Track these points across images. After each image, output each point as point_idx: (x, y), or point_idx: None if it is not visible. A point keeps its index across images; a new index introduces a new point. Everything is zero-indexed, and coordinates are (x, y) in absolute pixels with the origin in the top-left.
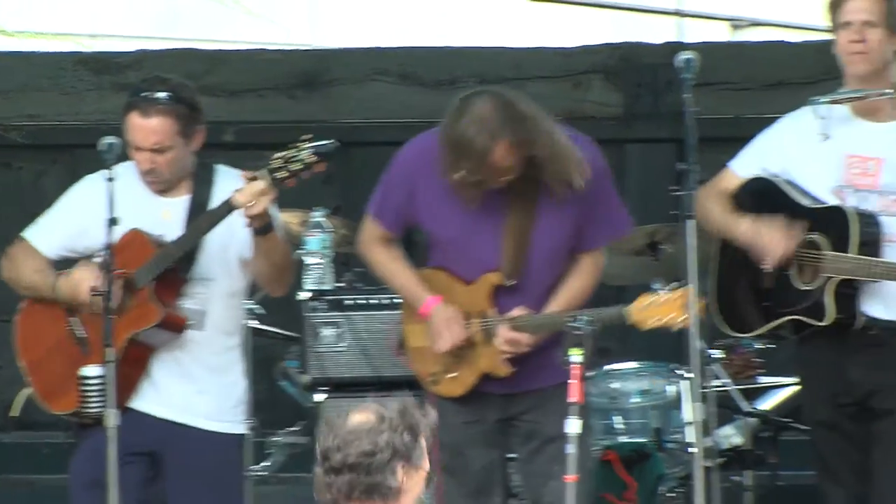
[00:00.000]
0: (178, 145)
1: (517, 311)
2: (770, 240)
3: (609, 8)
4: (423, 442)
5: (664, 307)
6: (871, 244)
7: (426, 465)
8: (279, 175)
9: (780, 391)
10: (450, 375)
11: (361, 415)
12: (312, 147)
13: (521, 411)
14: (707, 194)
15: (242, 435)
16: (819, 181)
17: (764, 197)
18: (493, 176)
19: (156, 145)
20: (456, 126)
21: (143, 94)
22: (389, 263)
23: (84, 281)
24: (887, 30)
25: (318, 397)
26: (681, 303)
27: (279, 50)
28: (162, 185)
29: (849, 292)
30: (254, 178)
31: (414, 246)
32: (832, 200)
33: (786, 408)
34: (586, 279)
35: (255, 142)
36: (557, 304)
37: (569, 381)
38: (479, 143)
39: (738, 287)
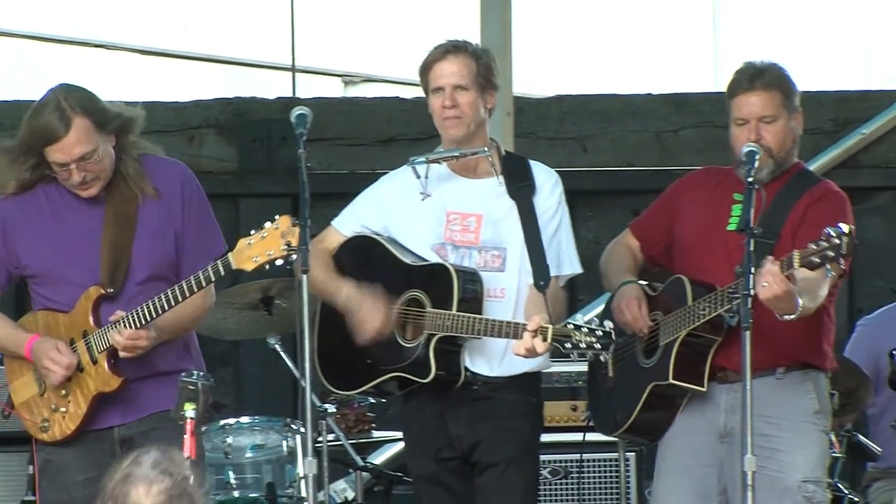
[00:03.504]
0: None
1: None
2: (366, 314)
3: (222, 62)
4: None
5: (261, 245)
6: (472, 300)
7: None
8: None
9: (393, 445)
10: (61, 410)
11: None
12: None
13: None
14: (312, 257)
15: None
16: (420, 238)
17: (365, 255)
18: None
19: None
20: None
21: None
22: None
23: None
24: (478, 90)
25: None
26: (276, 235)
27: None
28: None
29: (451, 349)
30: None
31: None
32: (433, 257)
33: (397, 462)
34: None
35: None
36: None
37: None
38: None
39: (342, 344)
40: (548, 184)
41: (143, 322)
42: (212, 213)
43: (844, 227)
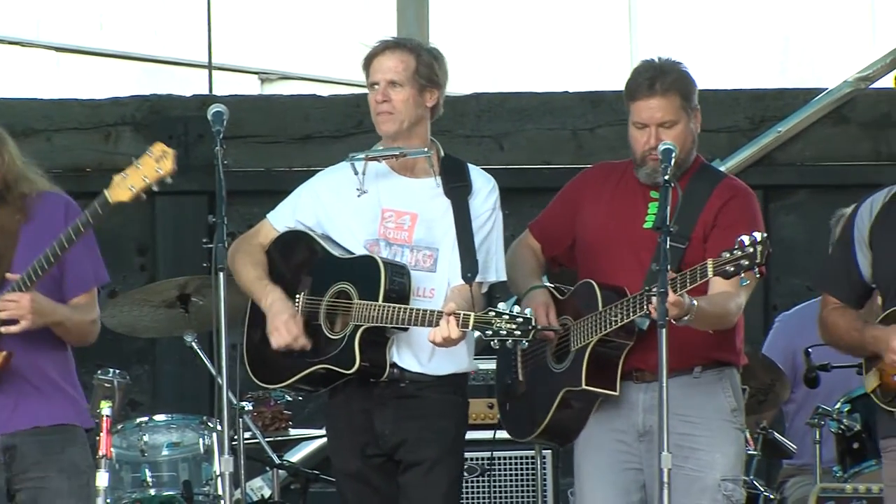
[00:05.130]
0: None
1: None
2: (280, 325)
3: (138, 60)
4: None
5: (137, 174)
6: (399, 293)
7: None
8: None
9: (309, 443)
10: None
11: None
12: None
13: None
14: (240, 247)
15: None
16: (354, 234)
17: (296, 249)
18: None
19: None
20: None
21: None
22: None
23: None
24: (415, 88)
25: None
26: (150, 161)
27: None
28: None
29: (378, 340)
30: None
31: None
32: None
33: (314, 460)
34: None
35: None
36: None
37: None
38: None
39: (268, 338)
40: (485, 188)
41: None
42: (95, 241)
43: (758, 236)
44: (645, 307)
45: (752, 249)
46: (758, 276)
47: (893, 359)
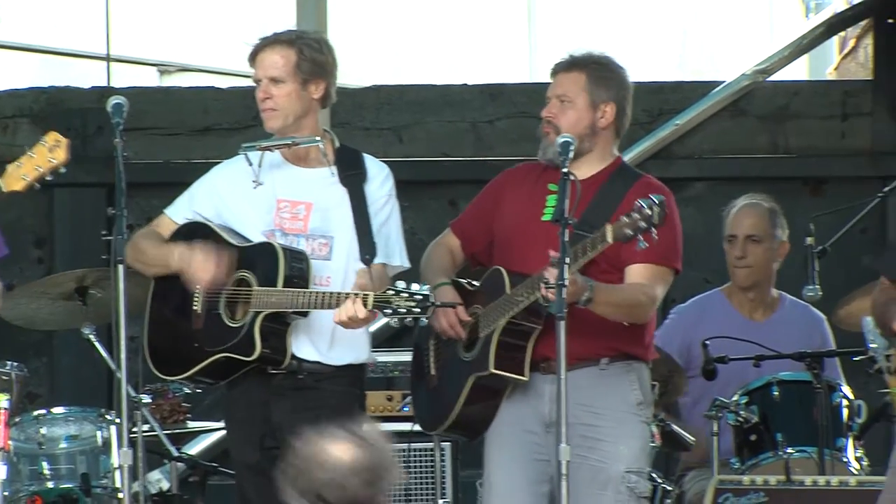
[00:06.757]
0: None
1: None
2: (200, 264)
3: (36, 51)
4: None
5: (30, 163)
6: (299, 279)
7: None
8: None
9: (208, 436)
10: None
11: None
12: None
13: None
14: (141, 237)
15: None
16: (251, 225)
17: (195, 240)
18: None
19: None
20: None
21: None
22: None
23: None
24: (298, 81)
25: None
26: (44, 151)
27: None
28: None
29: (278, 328)
30: None
31: None
32: None
33: (213, 452)
34: None
35: None
36: None
37: None
38: None
39: (170, 330)
40: (380, 175)
41: None
42: None
43: (656, 198)
44: (542, 289)
45: (649, 211)
46: (655, 237)
47: None
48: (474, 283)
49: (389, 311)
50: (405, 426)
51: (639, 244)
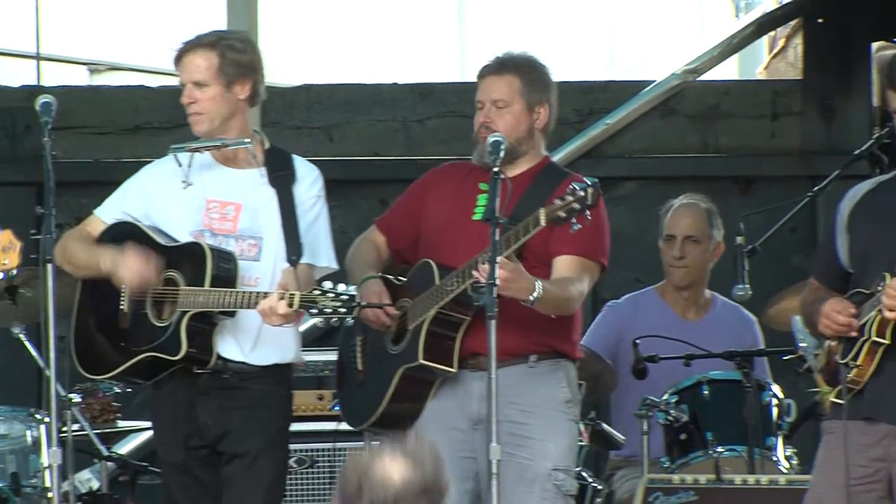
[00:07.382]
0: None
1: None
2: (130, 267)
3: None
4: None
5: None
6: (226, 279)
7: None
8: None
9: (138, 435)
10: None
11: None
12: None
13: None
14: (71, 239)
15: None
16: (180, 225)
17: (124, 240)
18: None
19: None
20: None
21: None
22: None
23: None
24: (223, 84)
25: None
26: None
27: None
28: None
29: (204, 327)
30: None
31: None
32: None
33: (143, 451)
34: None
35: None
36: None
37: None
38: None
39: (97, 329)
40: (309, 177)
41: None
42: None
43: (589, 181)
44: (474, 275)
45: (582, 193)
46: (588, 218)
47: (826, 323)
48: (401, 277)
49: (315, 311)
50: (335, 425)
51: (572, 226)
